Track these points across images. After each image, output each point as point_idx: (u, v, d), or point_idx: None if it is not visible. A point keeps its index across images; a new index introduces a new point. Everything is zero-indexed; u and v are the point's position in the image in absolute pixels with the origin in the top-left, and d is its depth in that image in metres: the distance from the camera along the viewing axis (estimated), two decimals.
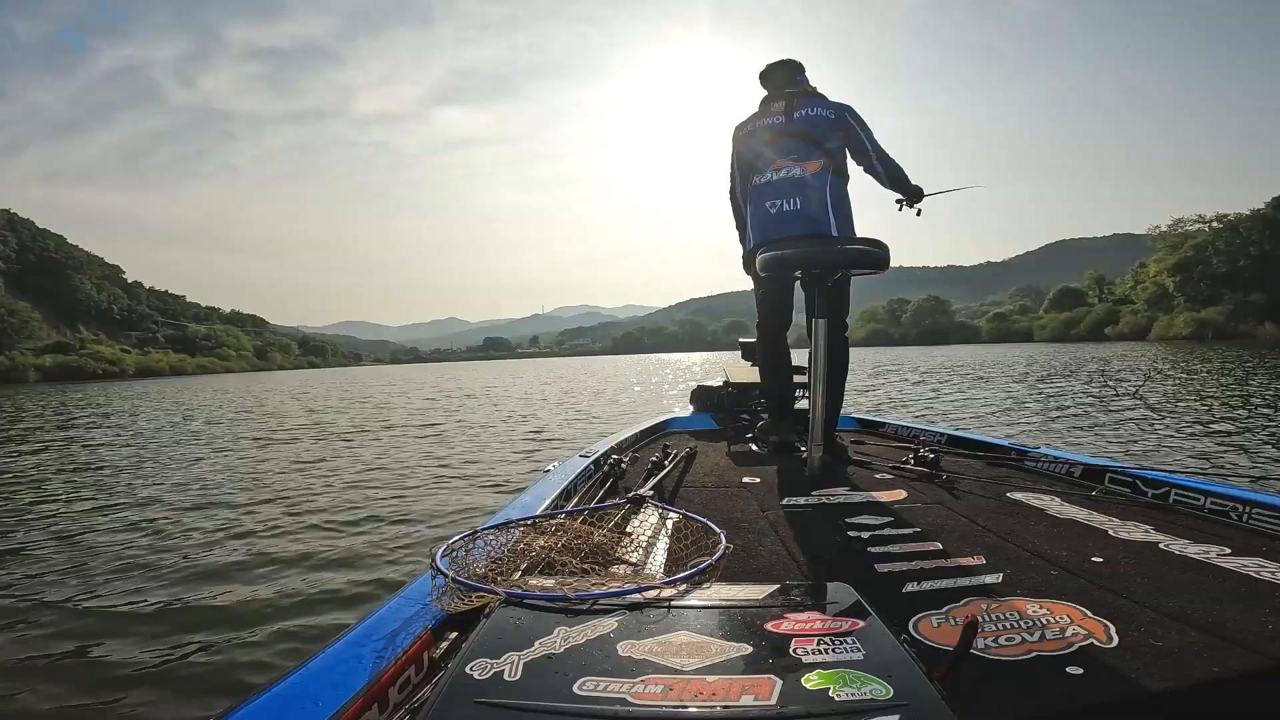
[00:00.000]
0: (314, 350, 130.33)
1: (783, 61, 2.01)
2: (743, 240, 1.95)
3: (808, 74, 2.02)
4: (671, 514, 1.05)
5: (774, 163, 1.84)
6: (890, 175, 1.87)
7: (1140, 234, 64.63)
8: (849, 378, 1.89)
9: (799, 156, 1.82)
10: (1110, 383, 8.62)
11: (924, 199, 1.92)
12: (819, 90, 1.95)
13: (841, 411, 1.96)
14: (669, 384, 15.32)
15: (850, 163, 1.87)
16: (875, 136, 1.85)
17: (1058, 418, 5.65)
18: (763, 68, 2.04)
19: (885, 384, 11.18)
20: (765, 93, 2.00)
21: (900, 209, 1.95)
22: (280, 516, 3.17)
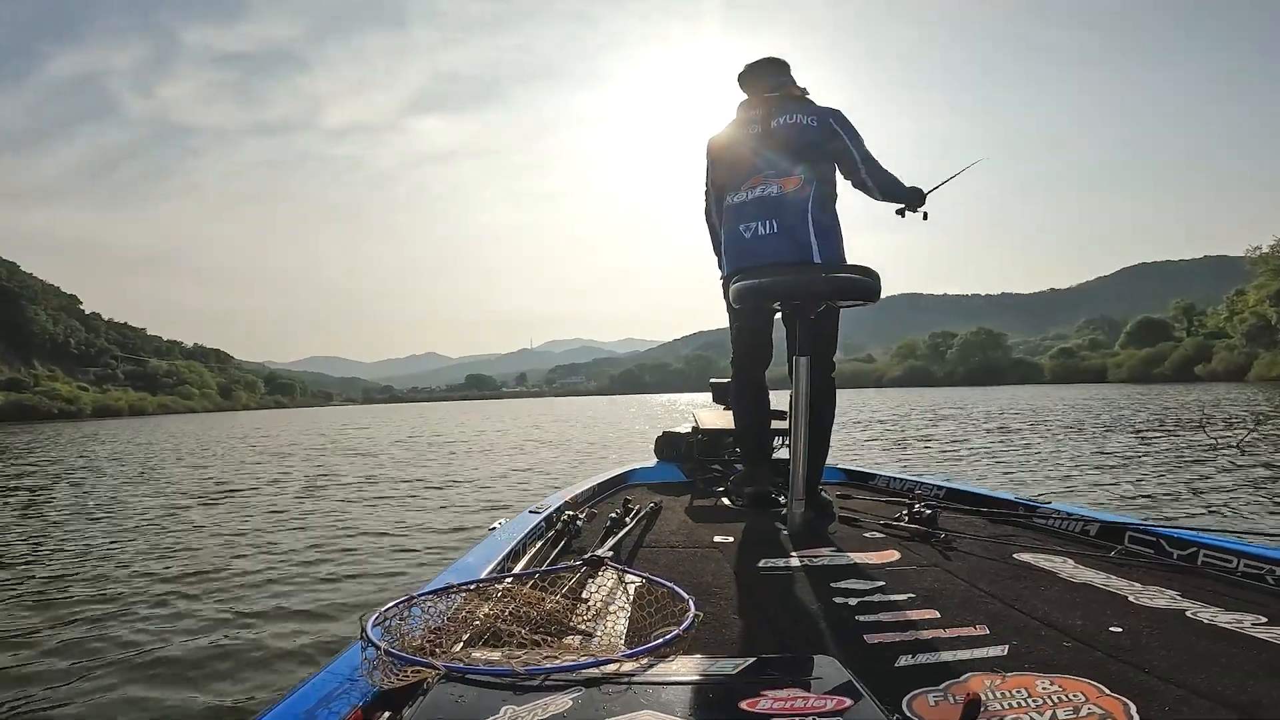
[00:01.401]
0: (281, 388, 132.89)
1: (764, 60, 1.96)
2: (720, 267, 1.93)
3: (794, 73, 1.97)
4: (633, 577, 1.04)
5: (748, 180, 1.81)
6: (882, 188, 1.85)
7: (1236, 256, 62.05)
8: (833, 425, 1.85)
9: (776, 172, 1.78)
10: (1210, 433, 8.20)
11: (926, 199, 1.90)
12: (807, 93, 1.93)
13: (827, 462, 1.93)
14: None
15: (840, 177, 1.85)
16: (866, 145, 1.82)
17: (1171, 481, 4.92)
18: (741, 68, 1.99)
19: (942, 432, 10.61)
20: (745, 97, 1.97)
21: (903, 215, 1.93)
22: (189, 578, 3.21)
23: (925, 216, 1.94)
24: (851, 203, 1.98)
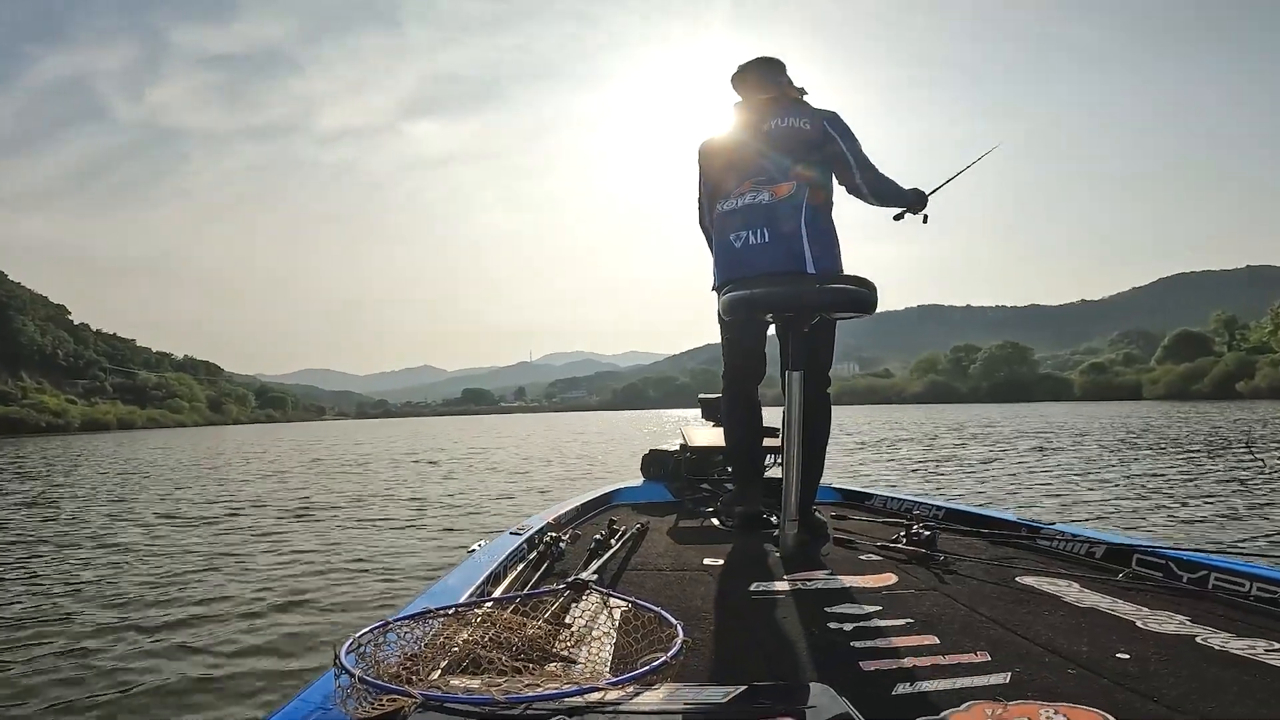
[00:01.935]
0: (273, 402, 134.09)
1: (758, 60, 1.95)
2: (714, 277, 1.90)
3: (790, 73, 1.95)
4: (619, 602, 1.04)
5: (738, 186, 1.81)
6: (877, 193, 1.84)
7: None
8: (829, 441, 1.85)
9: (768, 179, 1.77)
10: (1257, 454, 8.12)
11: (928, 201, 1.89)
12: (804, 93, 1.93)
13: (821, 481, 1.93)
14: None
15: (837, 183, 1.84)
16: (863, 149, 1.82)
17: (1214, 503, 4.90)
18: (735, 69, 1.98)
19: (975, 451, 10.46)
20: (740, 99, 1.97)
21: (901, 218, 1.92)
22: (153, 604, 3.21)
23: (925, 219, 1.93)
24: (863, 211, 1.97)
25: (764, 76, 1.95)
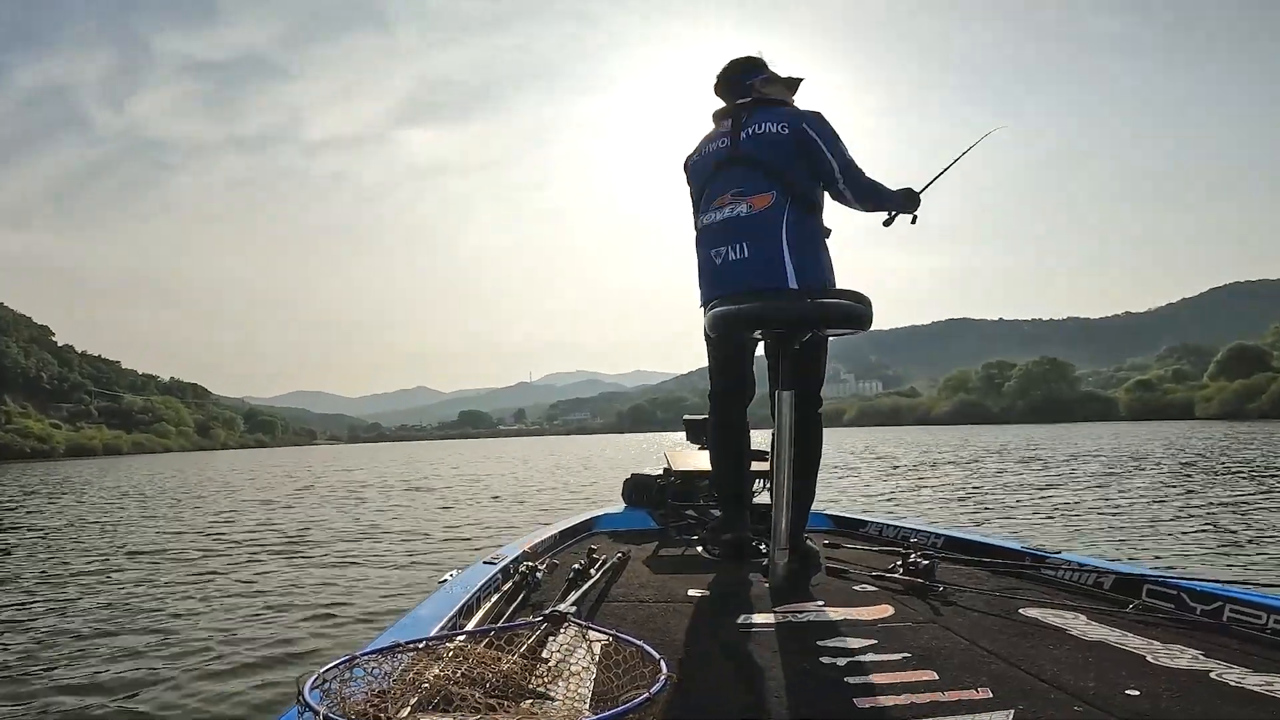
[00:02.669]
0: (262, 426, 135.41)
1: (735, 62, 1.94)
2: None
3: (775, 70, 1.93)
4: (598, 635, 1.04)
5: (716, 200, 1.81)
6: (861, 196, 1.80)
7: None
8: (821, 466, 1.85)
9: (745, 190, 1.76)
10: None
11: (920, 200, 1.88)
12: (793, 89, 1.91)
13: (813, 507, 1.90)
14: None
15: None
16: (847, 152, 1.79)
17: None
18: (719, 70, 1.95)
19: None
20: (719, 106, 1.95)
21: (891, 223, 1.91)
22: (109, 634, 3.24)
23: (914, 220, 1.92)
24: (874, 217, 1.93)
25: (741, 79, 1.93)
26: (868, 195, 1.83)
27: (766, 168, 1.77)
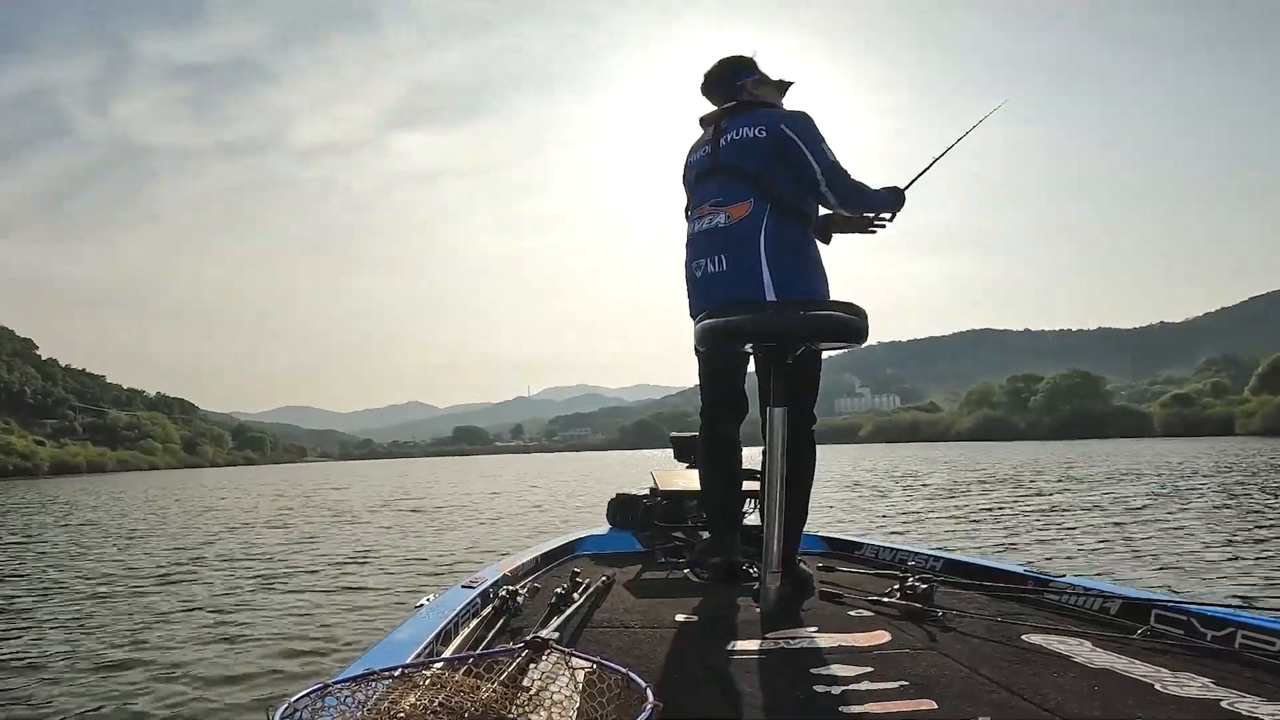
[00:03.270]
0: (250, 442, 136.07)
1: (721, 63, 1.93)
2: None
3: (765, 70, 1.92)
4: (582, 662, 1.05)
5: (696, 210, 1.85)
6: (844, 197, 1.79)
7: None
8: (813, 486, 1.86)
9: (723, 199, 1.78)
10: None
11: (905, 200, 1.88)
12: (783, 91, 1.93)
13: (805, 529, 1.94)
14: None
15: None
16: (830, 154, 1.77)
17: None
18: (706, 70, 1.95)
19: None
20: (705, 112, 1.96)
21: (873, 227, 1.92)
22: (81, 654, 3.29)
23: (891, 218, 1.92)
24: (900, 226, 1.90)
25: (726, 81, 1.93)
26: (851, 197, 1.83)
27: (744, 175, 1.79)
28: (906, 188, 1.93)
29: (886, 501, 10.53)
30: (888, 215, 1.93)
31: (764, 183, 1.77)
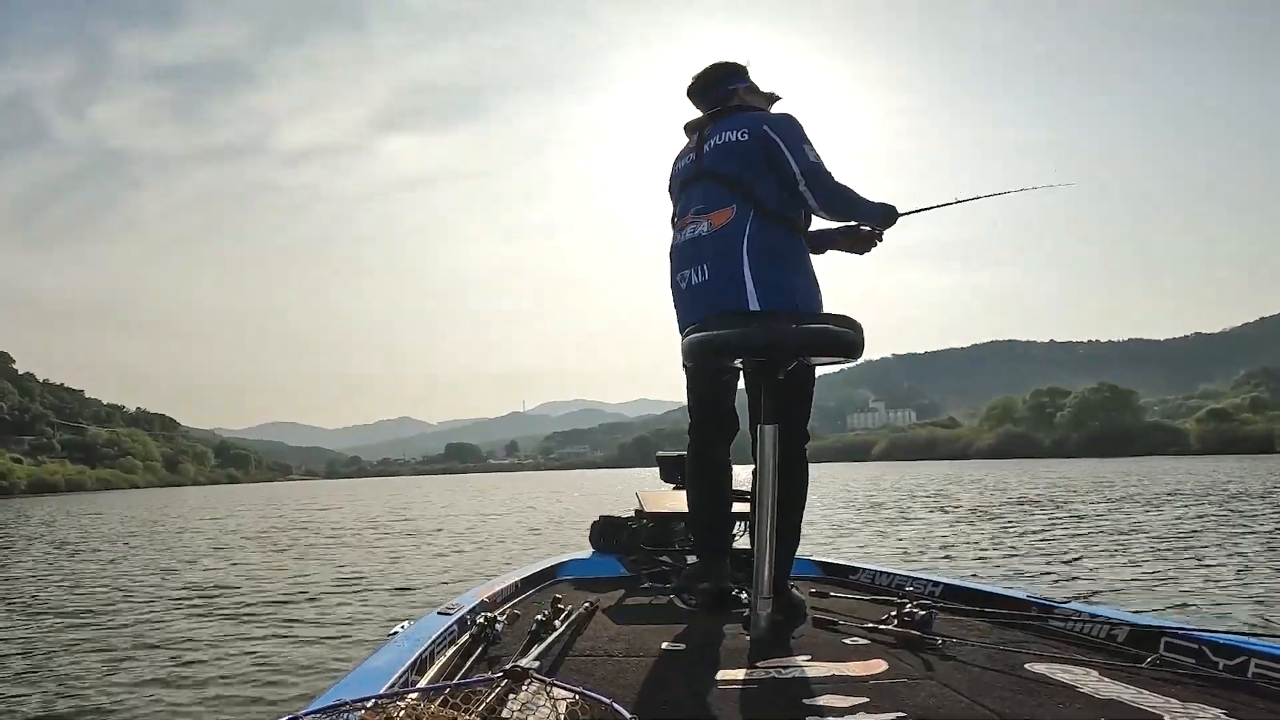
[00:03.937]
0: (234, 460, 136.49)
1: (709, 68, 1.93)
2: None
3: (753, 78, 1.93)
4: (563, 692, 1.05)
5: (680, 220, 1.86)
6: (825, 199, 1.75)
7: None
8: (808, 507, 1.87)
9: (706, 207, 1.78)
10: None
11: (896, 221, 1.87)
12: (774, 98, 1.94)
13: (798, 552, 1.93)
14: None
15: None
16: (813, 155, 1.75)
17: None
18: (695, 73, 1.96)
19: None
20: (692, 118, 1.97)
21: (866, 246, 1.92)
22: (40, 679, 3.31)
23: (880, 237, 1.94)
24: (904, 233, 1.83)
25: (716, 86, 1.93)
26: (833, 199, 1.78)
27: (726, 180, 1.78)
28: (905, 213, 1.92)
29: (912, 526, 9.99)
30: (870, 228, 1.93)
31: (747, 187, 1.76)
